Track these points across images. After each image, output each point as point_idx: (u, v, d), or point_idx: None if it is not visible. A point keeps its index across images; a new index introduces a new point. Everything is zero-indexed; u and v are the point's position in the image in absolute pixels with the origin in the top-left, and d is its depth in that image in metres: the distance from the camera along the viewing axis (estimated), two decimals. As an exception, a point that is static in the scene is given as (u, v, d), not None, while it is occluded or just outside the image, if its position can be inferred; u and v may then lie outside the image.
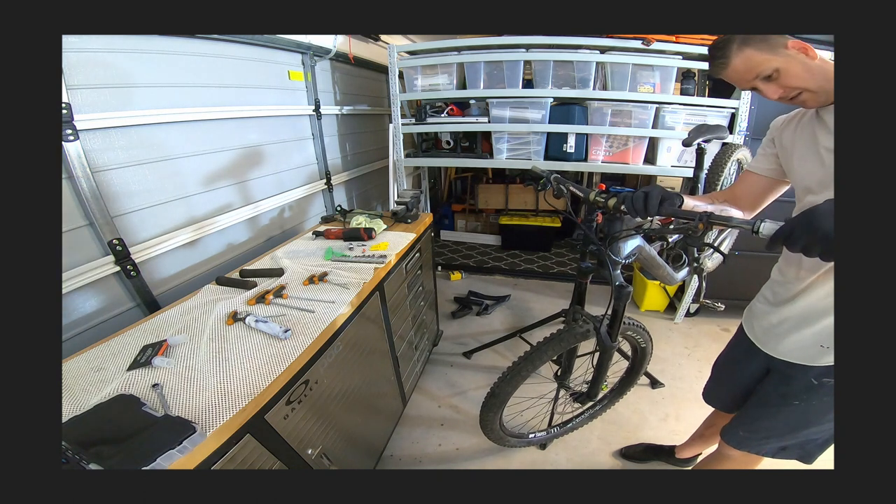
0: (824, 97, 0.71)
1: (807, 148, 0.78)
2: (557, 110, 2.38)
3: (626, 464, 1.56)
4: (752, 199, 0.98)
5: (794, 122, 0.84)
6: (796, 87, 0.70)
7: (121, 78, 1.25)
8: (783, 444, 0.95)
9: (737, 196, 1.00)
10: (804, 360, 0.85)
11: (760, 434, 0.96)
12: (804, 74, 0.69)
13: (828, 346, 0.80)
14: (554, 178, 1.13)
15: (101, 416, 0.68)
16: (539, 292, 2.90)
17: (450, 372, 2.07)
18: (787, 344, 0.87)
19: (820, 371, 0.83)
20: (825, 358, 0.81)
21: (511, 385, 1.23)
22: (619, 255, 1.05)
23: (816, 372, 0.84)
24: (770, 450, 0.97)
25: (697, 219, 0.71)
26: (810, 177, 0.77)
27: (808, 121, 0.79)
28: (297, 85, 2.17)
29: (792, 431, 0.91)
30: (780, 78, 0.70)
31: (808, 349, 0.84)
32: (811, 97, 0.72)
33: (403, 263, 1.53)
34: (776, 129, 0.90)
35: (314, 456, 0.98)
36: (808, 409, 0.87)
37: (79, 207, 1.15)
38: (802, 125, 0.81)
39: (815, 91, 0.70)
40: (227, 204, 1.73)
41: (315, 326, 0.98)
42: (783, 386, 0.90)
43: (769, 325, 0.92)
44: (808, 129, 0.78)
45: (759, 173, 0.95)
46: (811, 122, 0.78)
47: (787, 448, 0.95)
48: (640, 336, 1.35)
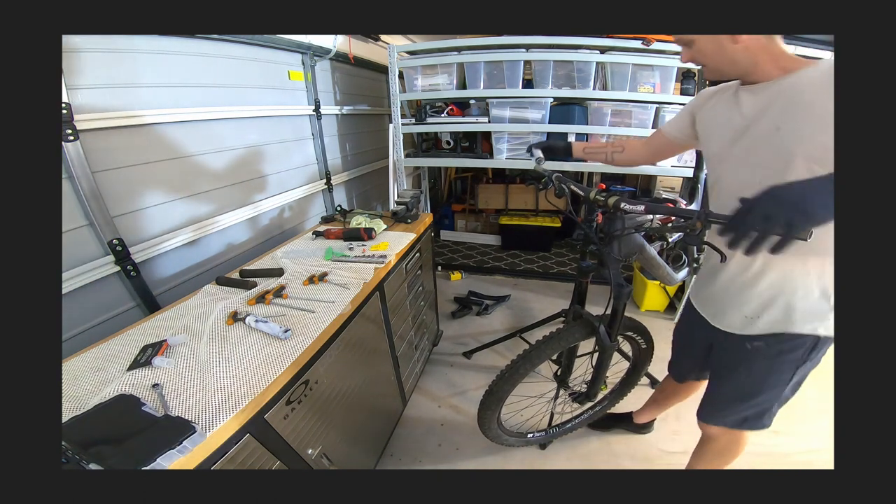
0: (718, 74, 0.81)
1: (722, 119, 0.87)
2: (557, 110, 2.37)
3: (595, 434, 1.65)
4: (653, 152, 1.17)
5: (715, 95, 0.93)
6: (699, 61, 0.80)
7: (121, 78, 1.25)
8: (744, 415, 1.00)
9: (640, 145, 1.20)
10: (734, 329, 0.93)
11: (719, 406, 1.04)
12: (712, 53, 0.77)
13: (750, 316, 0.88)
14: (556, 178, 1.13)
15: (101, 416, 0.68)
16: (539, 292, 2.90)
17: (450, 372, 2.07)
18: (720, 314, 0.96)
19: (751, 338, 0.90)
20: (752, 327, 0.89)
21: (509, 383, 1.23)
22: (619, 253, 1.05)
23: (749, 338, 0.91)
24: (733, 421, 1.03)
25: (695, 217, 0.71)
26: (722, 144, 0.86)
27: (729, 96, 0.88)
28: (297, 85, 2.17)
29: (746, 399, 0.97)
30: (693, 48, 0.79)
31: (735, 319, 0.92)
32: (708, 71, 0.82)
33: (403, 263, 1.53)
34: (700, 101, 0.98)
35: (314, 456, 0.98)
36: (752, 374, 0.93)
37: (79, 207, 1.15)
38: (721, 98, 0.90)
39: (713, 68, 0.80)
40: (227, 204, 1.73)
41: (315, 326, 0.98)
42: (725, 356, 0.99)
43: (706, 297, 1.01)
44: (725, 103, 0.88)
45: (668, 136, 1.09)
46: (728, 96, 0.87)
47: (749, 418, 1.00)
48: (641, 336, 1.35)
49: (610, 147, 1.25)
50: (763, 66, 0.74)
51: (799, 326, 0.83)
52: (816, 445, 1.57)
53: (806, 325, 0.83)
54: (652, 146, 1.17)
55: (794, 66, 0.72)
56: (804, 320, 0.82)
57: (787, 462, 1.52)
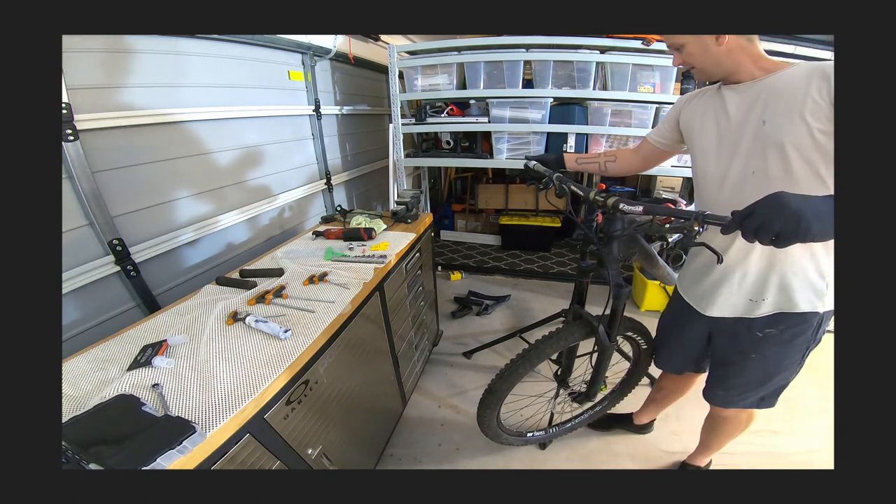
0: (706, 75, 0.88)
1: (707, 117, 0.93)
2: (557, 110, 2.37)
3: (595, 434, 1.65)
4: (643, 159, 1.22)
5: (697, 97, 1.00)
6: (689, 63, 0.87)
7: (121, 78, 1.25)
8: (761, 395, 1.04)
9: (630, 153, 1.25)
10: (740, 313, 0.96)
11: (737, 391, 1.06)
12: (699, 55, 0.84)
13: (755, 299, 0.92)
14: (556, 178, 1.13)
15: (101, 416, 0.68)
16: (539, 292, 2.90)
17: (450, 372, 2.07)
18: (721, 303, 0.98)
19: (760, 324, 0.94)
20: (758, 310, 0.92)
21: (508, 383, 1.23)
22: (618, 253, 1.05)
23: (758, 325, 0.94)
24: (751, 402, 1.06)
25: (693, 218, 0.71)
26: (708, 139, 0.93)
27: (711, 95, 0.94)
28: (297, 85, 2.17)
29: (763, 383, 1.01)
30: (683, 51, 0.85)
31: (739, 305, 0.95)
32: (696, 73, 0.88)
33: (403, 263, 1.53)
34: (681, 104, 1.05)
35: (314, 456, 0.98)
36: (767, 359, 0.97)
37: (79, 207, 1.15)
38: (705, 98, 0.96)
39: (700, 69, 0.87)
40: (227, 204, 1.73)
41: (315, 326, 0.98)
42: (736, 342, 1.00)
43: (703, 290, 1.02)
44: (709, 102, 0.94)
45: (654, 144, 1.15)
46: (711, 96, 0.93)
47: (766, 397, 1.05)
48: (641, 336, 1.35)
49: (603, 157, 1.29)
50: (745, 67, 0.82)
51: (801, 305, 0.88)
52: (816, 445, 1.57)
53: (806, 304, 0.88)
54: (641, 154, 1.22)
55: (773, 67, 0.81)
56: (804, 299, 0.87)
57: (787, 462, 1.52)
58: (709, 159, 0.93)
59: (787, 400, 1.07)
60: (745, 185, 0.85)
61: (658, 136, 1.14)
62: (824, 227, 0.54)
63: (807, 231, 0.54)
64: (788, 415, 1.68)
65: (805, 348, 0.94)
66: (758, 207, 0.59)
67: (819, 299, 0.87)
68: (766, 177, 0.80)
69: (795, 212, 0.55)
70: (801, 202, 0.56)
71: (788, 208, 0.55)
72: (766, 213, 0.57)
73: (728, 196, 0.89)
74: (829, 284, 0.86)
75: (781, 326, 0.91)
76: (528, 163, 1.26)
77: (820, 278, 0.85)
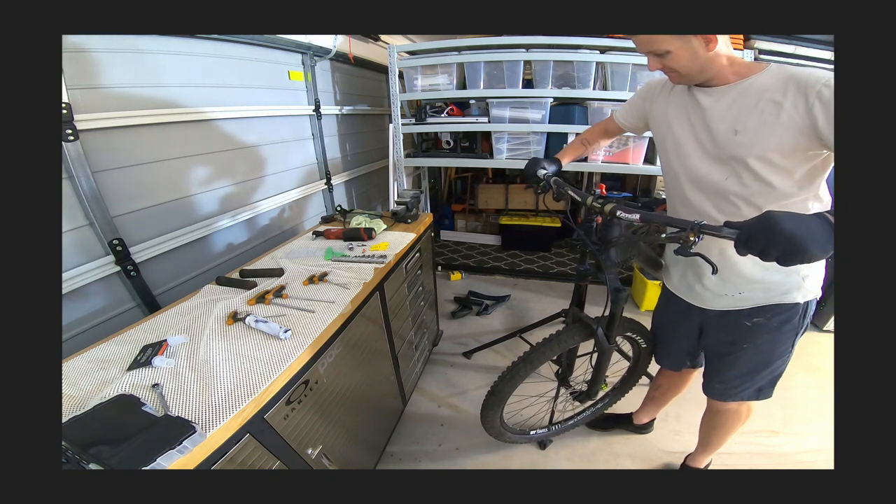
0: (688, 80, 0.85)
1: (679, 115, 0.92)
2: (557, 110, 2.37)
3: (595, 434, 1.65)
4: (603, 131, 1.27)
5: (666, 91, 0.97)
6: (674, 69, 0.81)
7: (120, 78, 1.25)
8: (758, 386, 1.05)
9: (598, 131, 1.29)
10: (728, 306, 0.98)
11: (733, 383, 1.07)
12: (686, 62, 0.79)
13: (740, 292, 0.94)
14: (553, 181, 1.13)
15: (101, 417, 0.68)
16: (539, 292, 2.90)
17: (450, 372, 2.07)
18: (710, 297, 1.00)
19: (747, 314, 0.96)
20: (743, 302, 0.95)
21: (510, 384, 1.24)
22: (616, 258, 1.05)
23: (745, 315, 0.96)
24: (749, 393, 1.07)
25: (689, 228, 0.71)
26: (684, 138, 0.91)
27: (680, 93, 0.92)
28: (297, 85, 2.17)
29: (758, 372, 1.03)
30: (667, 57, 0.79)
31: (726, 298, 0.97)
32: (678, 77, 0.84)
33: (403, 263, 1.53)
34: (651, 94, 1.03)
35: (314, 456, 0.98)
36: (759, 348, 0.99)
37: (79, 207, 1.15)
38: (675, 94, 0.94)
39: (684, 74, 0.82)
40: (227, 204, 1.73)
41: (315, 326, 0.98)
42: (727, 334, 1.02)
43: (690, 284, 1.04)
44: (680, 99, 0.92)
45: (619, 122, 1.18)
46: (682, 93, 0.91)
47: (763, 388, 1.06)
48: (641, 336, 1.35)
49: (582, 147, 1.35)
50: (723, 72, 0.81)
51: (782, 298, 0.91)
52: (816, 445, 1.57)
53: (786, 296, 0.91)
54: (610, 132, 1.28)
55: (747, 71, 0.79)
56: (783, 292, 0.91)
57: (787, 462, 1.52)
58: (681, 158, 0.93)
59: (787, 400, 1.07)
60: (719, 187, 0.86)
61: (624, 119, 1.17)
62: (818, 246, 0.55)
63: (804, 253, 0.55)
64: (788, 415, 1.68)
65: (794, 335, 0.96)
66: (753, 233, 0.59)
67: (798, 291, 0.90)
68: (741, 183, 0.82)
69: (789, 236, 0.55)
70: (792, 224, 0.56)
71: (781, 232, 0.56)
72: (761, 238, 0.58)
73: (701, 197, 0.91)
74: (806, 277, 0.89)
75: (768, 315, 0.94)
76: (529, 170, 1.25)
77: (794, 273, 0.88)
